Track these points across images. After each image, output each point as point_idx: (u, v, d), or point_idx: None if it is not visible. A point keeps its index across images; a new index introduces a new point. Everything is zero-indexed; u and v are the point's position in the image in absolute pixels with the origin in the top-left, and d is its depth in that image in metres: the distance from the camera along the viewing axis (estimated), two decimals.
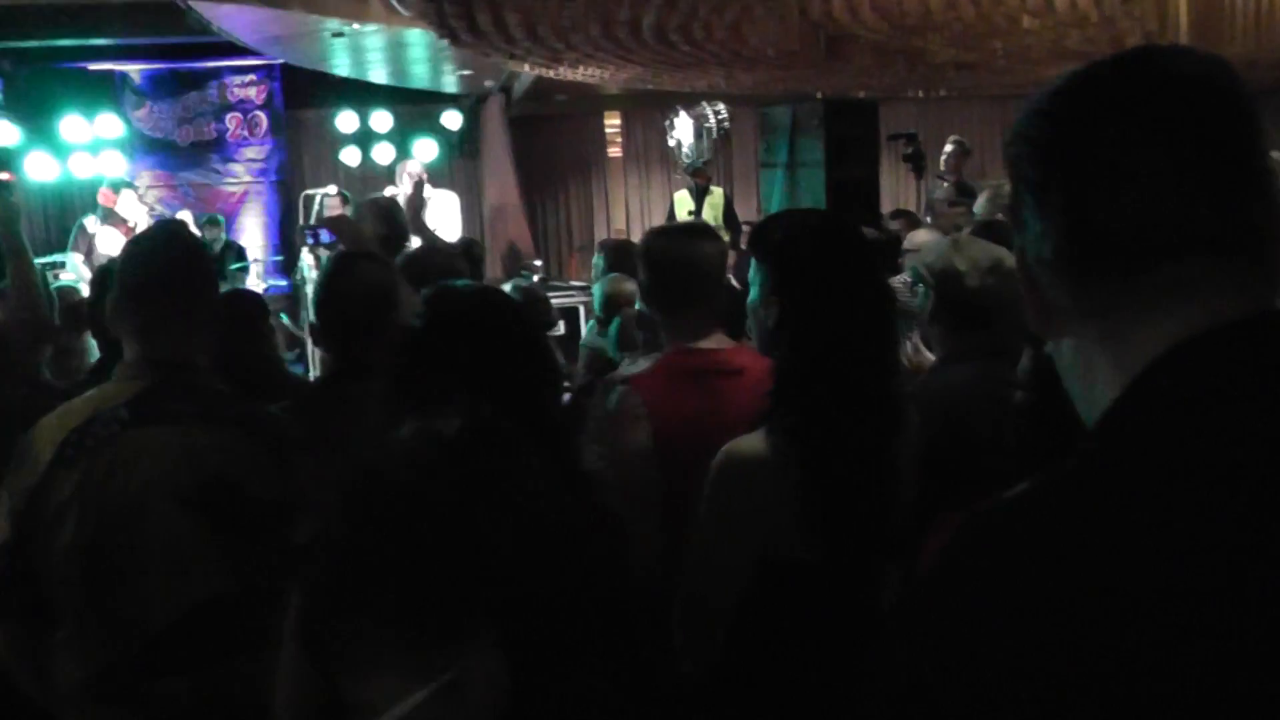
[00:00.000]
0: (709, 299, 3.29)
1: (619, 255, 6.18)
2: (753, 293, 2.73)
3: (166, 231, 3.12)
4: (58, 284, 7.65)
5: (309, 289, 7.84)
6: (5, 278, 4.76)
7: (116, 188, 11.20)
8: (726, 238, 10.07)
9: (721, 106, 10.15)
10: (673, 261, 3.25)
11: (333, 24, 9.99)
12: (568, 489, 2.15)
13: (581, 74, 9.65)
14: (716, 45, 8.19)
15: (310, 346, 9.74)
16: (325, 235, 4.74)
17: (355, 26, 9.91)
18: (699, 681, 2.68)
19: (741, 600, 2.57)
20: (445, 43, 10.56)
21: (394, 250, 5.21)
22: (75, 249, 10.95)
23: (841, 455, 2.48)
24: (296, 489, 2.58)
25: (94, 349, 6.03)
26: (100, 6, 10.36)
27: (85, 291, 7.61)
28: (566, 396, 4.59)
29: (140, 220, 10.81)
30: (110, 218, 10.92)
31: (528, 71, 10.07)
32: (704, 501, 2.59)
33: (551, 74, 9.59)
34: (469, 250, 5.78)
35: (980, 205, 7.38)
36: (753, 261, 2.69)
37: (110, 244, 10.63)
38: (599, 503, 2.31)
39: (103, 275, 4.38)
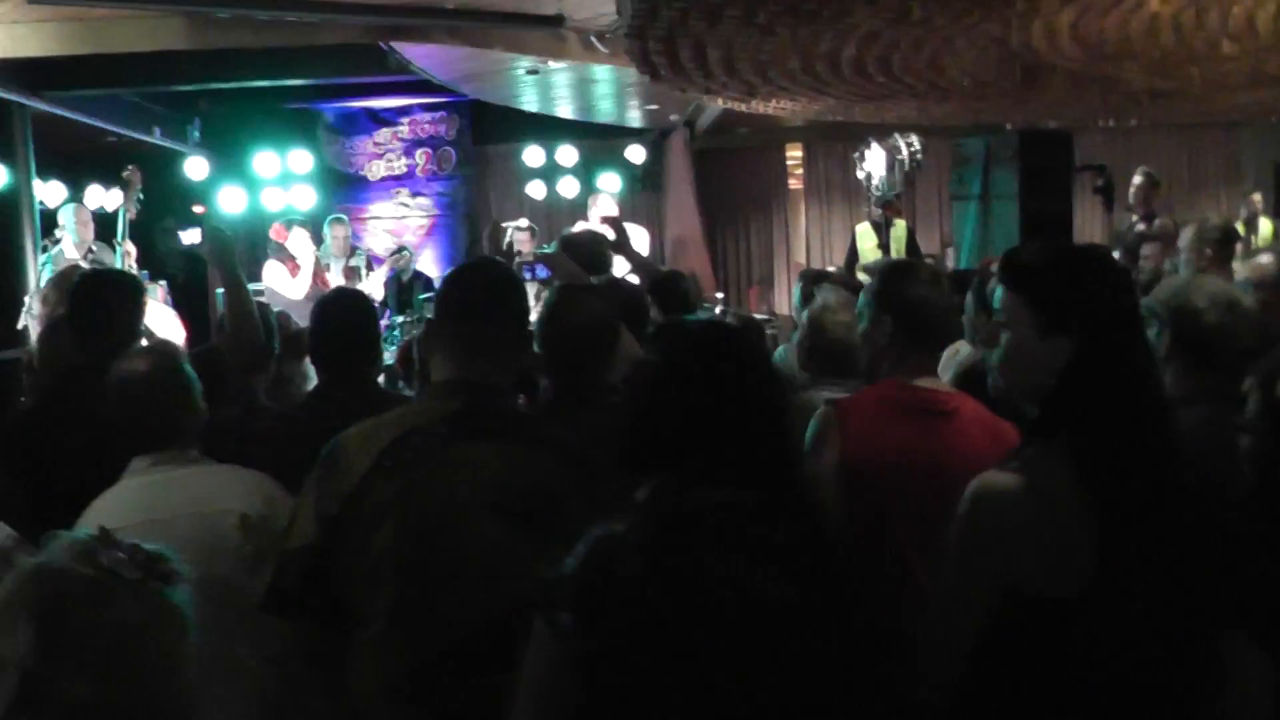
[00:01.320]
0: (934, 341, 3.51)
1: (817, 284, 6.32)
2: (1004, 335, 2.71)
3: (486, 263, 3.29)
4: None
5: None
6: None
7: (289, 224, 11.44)
8: None
9: (914, 138, 10.08)
10: (904, 302, 3.48)
11: (526, 61, 10.21)
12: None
13: (774, 107, 9.69)
14: (913, 77, 8.16)
15: None
16: (541, 270, 4.86)
17: (549, 64, 10.09)
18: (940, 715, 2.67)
19: (986, 635, 2.56)
20: (632, 77, 10.74)
21: None
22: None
23: (1122, 488, 2.45)
24: (600, 510, 2.68)
25: (312, 375, 6.26)
26: (300, 49, 10.71)
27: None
28: None
29: (307, 258, 10.97)
30: (280, 252, 11.14)
31: (720, 105, 10.14)
32: (954, 533, 2.59)
33: (743, 107, 9.65)
34: (672, 283, 5.86)
35: (1187, 239, 7.20)
36: (1001, 293, 2.67)
37: (273, 277, 10.81)
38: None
39: (321, 307, 4.50)
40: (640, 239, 10.93)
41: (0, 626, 1.64)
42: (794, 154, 17.42)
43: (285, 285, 10.66)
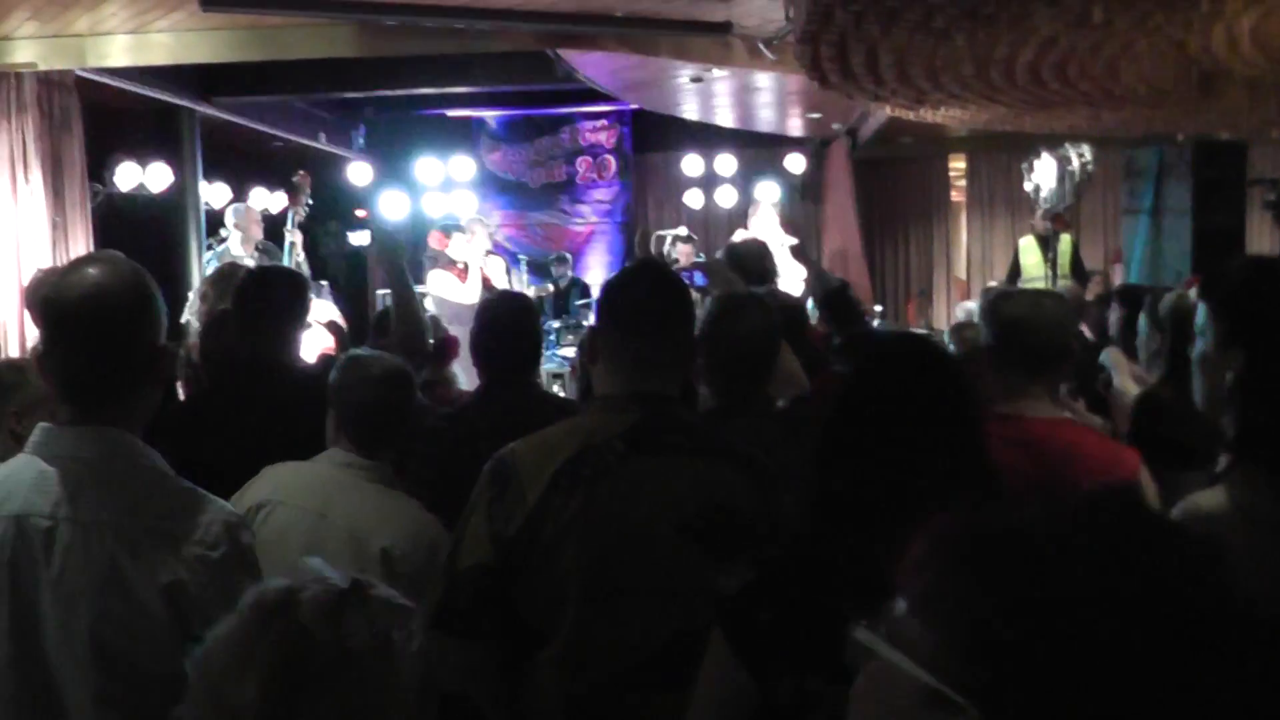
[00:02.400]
0: (1033, 364, 3.38)
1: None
2: (1199, 344, 2.62)
3: (653, 270, 3.25)
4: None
5: None
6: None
7: (448, 231, 11.54)
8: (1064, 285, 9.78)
9: (1085, 148, 9.82)
10: (1001, 323, 3.43)
11: (691, 69, 10.20)
12: None
13: (943, 115, 9.53)
14: (1089, 83, 7.95)
15: None
16: (699, 278, 4.82)
17: (714, 71, 10.07)
18: None
19: None
20: (795, 85, 10.66)
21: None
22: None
23: None
24: (777, 521, 2.66)
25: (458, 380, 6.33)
26: (467, 57, 10.85)
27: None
28: None
29: (471, 261, 11.04)
30: (442, 259, 11.20)
31: (886, 113, 10.01)
32: None
33: (911, 115, 9.51)
34: (846, 294, 5.81)
35: None
36: (1201, 311, 2.56)
37: (439, 285, 10.86)
38: None
39: (485, 309, 4.53)
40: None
41: (238, 675, 1.62)
42: (957, 164, 17.21)
43: (454, 291, 10.73)
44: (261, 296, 4.51)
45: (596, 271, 15.85)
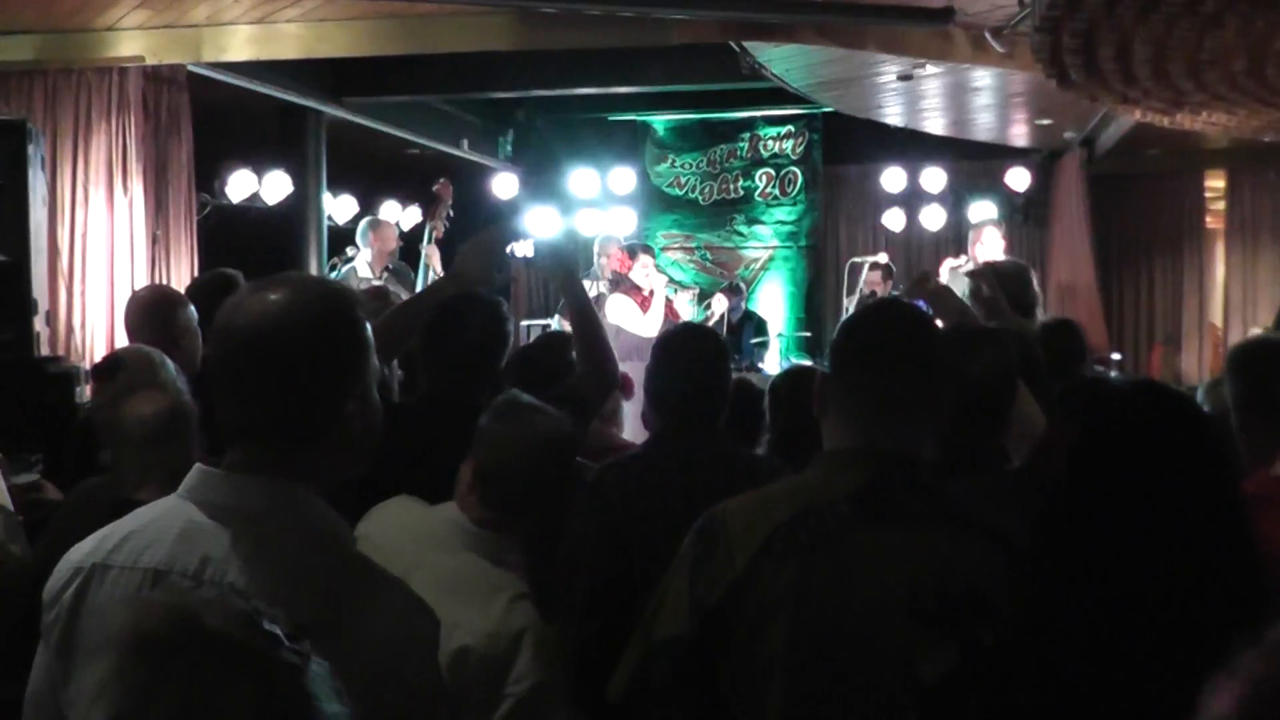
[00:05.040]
0: None
1: None
2: None
3: (893, 309, 3.23)
4: None
5: None
6: None
7: (633, 252, 11.50)
8: None
9: None
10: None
11: (899, 65, 10.12)
12: None
13: (1203, 122, 9.33)
14: None
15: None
16: (921, 307, 4.78)
17: (927, 67, 9.99)
18: None
19: None
20: (1021, 85, 10.54)
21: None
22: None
23: None
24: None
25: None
26: (635, 52, 10.91)
27: None
28: None
29: (658, 289, 11.02)
30: (624, 283, 11.12)
31: (1134, 119, 9.83)
32: None
33: (1164, 122, 9.32)
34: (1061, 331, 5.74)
35: None
36: None
37: (619, 311, 10.76)
38: None
39: (666, 345, 4.54)
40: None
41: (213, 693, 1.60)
42: (1214, 183, 16.81)
43: (634, 321, 10.72)
44: (451, 331, 4.51)
45: (774, 304, 15.75)
